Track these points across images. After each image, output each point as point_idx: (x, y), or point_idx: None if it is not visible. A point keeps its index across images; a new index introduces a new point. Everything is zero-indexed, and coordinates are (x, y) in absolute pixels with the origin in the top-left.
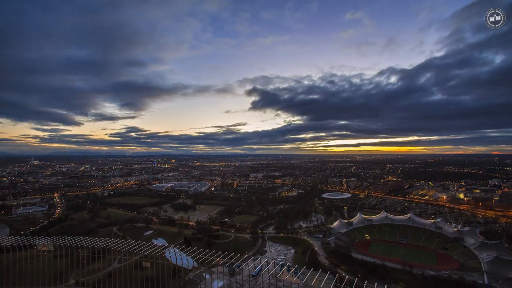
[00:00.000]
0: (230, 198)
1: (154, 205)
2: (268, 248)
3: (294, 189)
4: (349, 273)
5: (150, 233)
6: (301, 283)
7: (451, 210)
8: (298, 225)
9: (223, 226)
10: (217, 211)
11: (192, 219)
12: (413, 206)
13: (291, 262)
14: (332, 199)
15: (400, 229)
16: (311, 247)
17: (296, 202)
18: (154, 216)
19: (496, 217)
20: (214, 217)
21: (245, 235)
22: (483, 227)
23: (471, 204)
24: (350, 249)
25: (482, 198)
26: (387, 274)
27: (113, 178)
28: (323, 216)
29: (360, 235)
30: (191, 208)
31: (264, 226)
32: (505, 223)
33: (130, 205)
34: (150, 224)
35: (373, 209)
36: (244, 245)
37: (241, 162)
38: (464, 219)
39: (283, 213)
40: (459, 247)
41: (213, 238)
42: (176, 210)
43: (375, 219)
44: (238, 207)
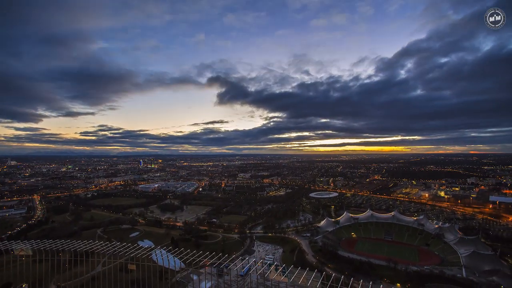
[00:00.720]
0: (218, 198)
1: (140, 206)
2: (256, 248)
3: (282, 188)
4: (336, 271)
5: (136, 234)
6: (289, 282)
7: (433, 207)
8: (286, 224)
9: (211, 226)
10: (205, 212)
11: (180, 219)
12: (397, 204)
13: (279, 261)
14: (319, 198)
15: (385, 226)
16: (299, 246)
17: (284, 201)
18: (140, 218)
19: (474, 214)
20: (202, 217)
21: (233, 235)
22: (462, 223)
23: (451, 201)
24: (337, 247)
25: (461, 195)
26: (373, 271)
27: (97, 179)
28: (310, 215)
29: (346, 233)
30: (179, 208)
31: (252, 226)
32: (481, 219)
33: (115, 206)
34: (136, 226)
35: (359, 208)
36: (232, 245)
37: (229, 162)
38: (445, 216)
39: (271, 213)
40: (440, 243)
41: (201, 239)
42: (163, 211)
43: (361, 217)
44: (226, 207)
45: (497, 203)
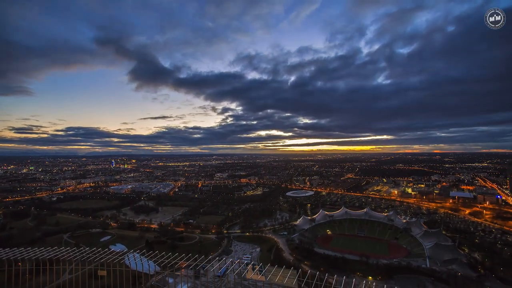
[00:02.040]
0: (194, 199)
1: (112, 209)
2: (234, 248)
3: (259, 188)
4: (312, 268)
5: (108, 238)
6: (266, 281)
7: (402, 203)
8: (264, 223)
9: (188, 227)
10: (181, 213)
11: (155, 221)
12: (369, 201)
13: (257, 260)
14: (296, 197)
15: (358, 223)
16: (276, 244)
17: (261, 201)
18: (112, 221)
19: (437, 208)
20: (178, 218)
21: (210, 235)
22: (426, 217)
23: (417, 197)
24: (313, 244)
25: (426, 192)
26: (347, 266)
27: (63, 181)
28: (287, 214)
29: (322, 231)
30: (154, 210)
31: (230, 226)
32: (443, 213)
33: (84, 209)
34: (107, 229)
35: (334, 206)
36: (210, 246)
37: (206, 162)
38: (412, 211)
39: (249, 212)
40: (407, 237)
41: (177, 241)
42: (137, 213)
43: (336, 214)
44: (203, 208)
45: (456, 198)
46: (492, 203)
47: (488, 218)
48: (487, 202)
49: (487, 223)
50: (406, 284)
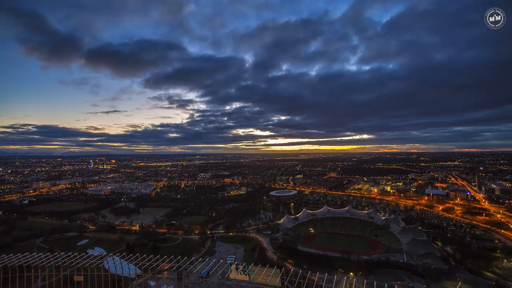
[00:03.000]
0: (177, 199)
1: (90, 211)
2: (218, 248)
3: (243, 187)
4: (296, 266)
5: (85, 242)
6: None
7: (381, 201)
8: (247, 223)
9: (170, 228)
10: (164, 214)
11: (136, 223)
12: (350, 200)
13: (241, 260)
14: (279, 197)
15: (340, 221)
16: (260, 243)
17: (245, 200)
18: (90, 223)
19: (413, 205)
20: (160, 219)
21: (193, 236)
22: (404, 214)
23: (396, 195)
24: (296, 243)
25: (403, 190)
26: (329, 263)
27: (36, 183)
28: (271, 213)
29: (305, 229)
30: (135, 211)
31: (214, 226)
32: (419, 210)
33: (59, 212)
34: (84, 233)
35: (317, 204)
36: (193, 247)
37: (189, 162)
38: (390, 208)
39: (232, 212)
40: (386, 233)
41: (159, 242)
42: (117, 215)
43: (319, 213)
44: (186, 208)
45: (431, 195)
46: (462, 200)
47: (459, 214)
48: (458, 198)
49: (458, 218)
50: (385, 278)
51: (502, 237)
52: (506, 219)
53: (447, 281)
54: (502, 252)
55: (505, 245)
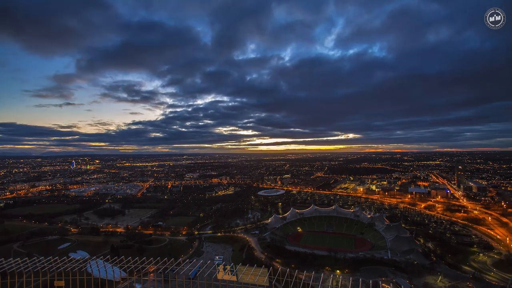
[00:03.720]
0: (164, 200)
1: (72, 213)
2: (206, 249)
3: (231, 187)
4: (283, 265)
5: (67, 246)
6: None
7: (367, 200)
8: (235, 223)
9: (157, 230)
10: (150, 215)
11: (121, 225)
12: (337, 199)
13: (229, 260)
14: (267, 196)
15: (327, 219)
16: (248, 243)
17: (233, 200)
18: (73, 226)
19: (397, 204)
20: (147, 221)
21: (181, 237)
22: (388, 212)
23: (381, 194)
24: (284, 242)
25: (388, 188)
26: (316, 261)
27: (13, 184)
28: (259, 213)
29: (293, 228)
30: (120, 213)
31: (201, 227)
32: (402, 208)
33: (39, 215)
34: (66, 236)
35: (304, 203)
36: (180, 248)
37: (176, 162)
38: (376, 207)
39: (220, 212)
40: (372, 231)
41: (146, 244)
42: (101, 216)
43: (306, 212)
44: (173, 209)
45: (414, 194)
46: (443, 197)
47: (440, 211)
48: (439, 196)
49: (439, 215)
50: (370, 275)
51: (479, 233)
52: (482, 216)
53: (429, 276)
54: (478, 247)
55: (481, 240)
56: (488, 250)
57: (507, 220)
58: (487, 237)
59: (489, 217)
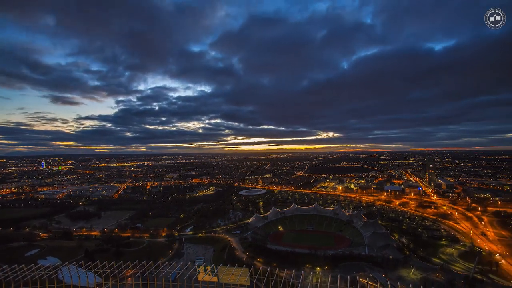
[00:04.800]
0: (142, 201)
1: (41, 217)
2: (186, 250)
3: (212, 187)
4: (265, 264)
5: (35, 252)
6: (218, 281)
7: (345, 198)
8: (217, 223)
9: (135, 232)
10: (128, 217)
11: (96, 228)
12: (317, 197)
13: (210, 261)
14: (249, 196)
15: (308, 218)
16: (230, 243)
17: (214, 200)
18: (42, 231)
19: (374, 201)
20: (124, 223)
21: (160, 239)
22: (366, 209)
23: (358, 192)
24: (265, 241)
25: (365, 187)
26: (297, 260)
27: None
28: (240, 213)
29: (274, 228)
30: (95, 215)
31: (182, 228)
32: (379, 205)
33: (2, 220)
34: (35, 242)
35: (285, 203)
36: (160, 250)
37: (155, 162)
38: (354, 205)
39: (201, 213)
40: (350, 228)
41: (123, 247)
42: (74, 220)
43: (287, 211)
44: (152, 210)
45: (389, 191)
46: (415, 194)
47: (413, 207)
48: (412, 193)
49: (412, 212)
50: (348, 270)
51: (447, 227)
52: (450, 211)
53: (402, 269)
54: (446, 240)
55: (449, 234)
56: (455, 242)
57: (471, 215)
58: (454, 231)
59: (456, 212)
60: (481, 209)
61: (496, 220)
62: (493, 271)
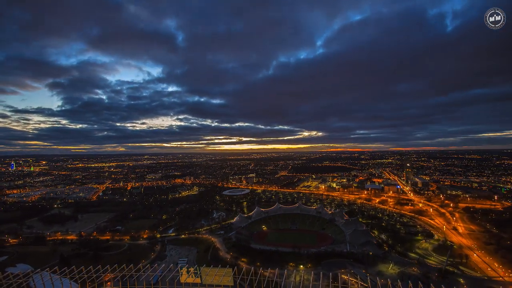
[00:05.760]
0: (123, 203)
1: (10, 222)
2: (169, 252)
3: (195, 187)
4: (249, 264)
5: (3, 259)
6: (201, 282)
7: (328, 197)
8: (200, 224)
9: (115, 235)
10: (107, 219)
11: (73, 232)
12: (300, 197)
13: (194, 262)
14: (232, 196)
15: (291, 217)
16: (213, 244)
17: (197, 201)
18: (11, 236)
19: (355, 200)
20: (103, 226)
21: (142, 241)
22: (347, 208)
23: (340, 191)
24: (249, 241)
25: (347, 185)
26: (281, 258)
27: None
28: (224, 213)
29: (258, 227)
30: (71, 219)
31: (164, 229)
32: (360, 203)
33: None
34: (3, 248)
35: (269, 202)
36: (141, 253)
37: (137, 162)
38: (336, 203)
39: (184, 214)
40: (333, 226)
41: (102, 251)
42: (48, 224)
43: (271, 210)
44: (133, 212)
45: (370, 190)
46: (394, 192)
47: (391, 205)
48: (391, 191)
49: (390, 209)
50: (331, 267)
51: (422, 223)
52: (425, 207)
53: (382, 264)
54: (422, 235)
55: (424, 229)
56: (430, 237)
57: (444, 211)
58: (429, 226)
59: (431, 208)
60: (453, 205)
61: (466, 216)
62: (463, 263)
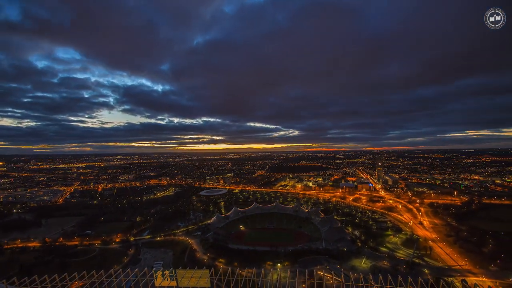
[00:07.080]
0: (93, 206)
1: None
2: (143, 255)
3: (171, 188)
4: (227, 264)
5: None
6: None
7: (304, 195)
8: (176, 225)
9: (84, 240)
10: (75, 223)
11: (35, 239)
12: (278, 196)
13: (170, 265)
14: (209, 196)
15: (268, 216)
16: (190, 245)
17: (173, 202)
18: None
19: (330, 198)
20: (71, 231)
21: (114, 245)
22: (323, 206)
23: (317, 190)
24: (227, 241)
25: (322, 184)
26: (259, 258)
27: None
28: (201, 214)
29: (236, 227)
30: (34, 224)
31: (138, 232)
32: (335, 202)
33: None
34: None
35: (247, 202)
36: (113, 258)
37: (108, 162)
38: (312, 202)
39: (160, 215)
40: (309, 224)
41: (70, 257)
42: (5, 231)
43: (248, 210)
44: (105, 215)
45: (344, 188)
46: (366, 190)
47: (364, 202)
48: (364, 189)
49: (363, 206)
50: (307, 264)
51: (392, 219)
52: (395, 204)
53: (355, 259)
54: (392, 230)
55: (394, 225)
56: (398, 232)
57: (411, 207)
58: (398, 222)
59: (400, 205)
60: (419, 201)
61: (431, 210)
62: (427, 255)
